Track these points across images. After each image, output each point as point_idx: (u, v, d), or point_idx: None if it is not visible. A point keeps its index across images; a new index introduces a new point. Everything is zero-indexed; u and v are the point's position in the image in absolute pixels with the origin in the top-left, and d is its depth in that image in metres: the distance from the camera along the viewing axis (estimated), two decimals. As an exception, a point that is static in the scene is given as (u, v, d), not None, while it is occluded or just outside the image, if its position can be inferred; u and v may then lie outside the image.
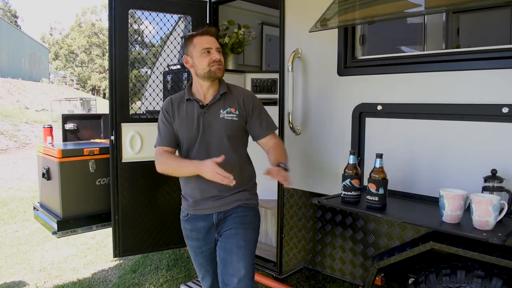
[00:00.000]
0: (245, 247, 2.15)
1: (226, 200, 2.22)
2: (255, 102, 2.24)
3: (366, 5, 2.19)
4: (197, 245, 2.31)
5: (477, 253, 1.72)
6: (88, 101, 20.97)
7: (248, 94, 2.28)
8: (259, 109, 2.25)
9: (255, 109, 2.23)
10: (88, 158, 3.31)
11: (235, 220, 2.21)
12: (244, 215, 2.22)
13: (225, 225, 2.23)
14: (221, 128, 2.18)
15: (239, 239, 2.16)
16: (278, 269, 2.86)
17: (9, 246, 4.74)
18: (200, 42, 2.16)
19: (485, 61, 1.91)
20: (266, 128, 2.24)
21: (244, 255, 2.14)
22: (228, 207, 2.22)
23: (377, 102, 2.27)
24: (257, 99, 2.27)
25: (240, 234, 2.17)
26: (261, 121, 2.24)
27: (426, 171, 2.10)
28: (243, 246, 2.15)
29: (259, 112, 2.24)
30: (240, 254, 2.14)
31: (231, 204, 2.22)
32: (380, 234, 2.30)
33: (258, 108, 2.24)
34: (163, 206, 3.24)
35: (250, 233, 2.21)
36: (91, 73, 46.49)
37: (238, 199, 2.22)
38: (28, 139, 16.00)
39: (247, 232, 2.19)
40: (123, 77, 3.01)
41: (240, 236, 2.17)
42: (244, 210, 2.23)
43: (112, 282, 3.77)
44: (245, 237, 2.18)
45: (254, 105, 2.23)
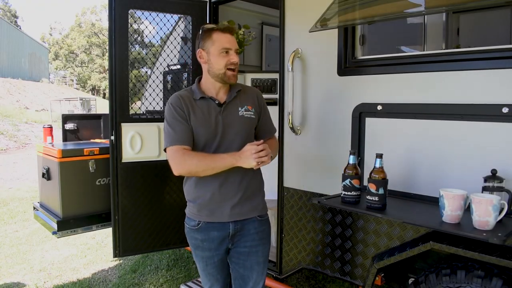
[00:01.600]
0: (264, 262, 2.17)
1: (244, 207, 2.08)
2: (264, 102, 2.24)
3: (366, 5, 2.19)
4: (208, 255, 2.13)
5: (477, 253, 1.72)
6: (88, 101, 20.97)
7: (259, 93, 2.26)
8: (266, 109, 2.24)
9: (265, 108, 2.23)
10: (88, 158, 3.31)
11: (253, 237, 2.11)
12: (261, 231, 2.14)
13: (242, 239, 2.11)
14: (241, 126, 2.08)
15: (258, 256, 2.14)
16: (278, 269, 2.86)
17: (9, 246, 4.74)
18: (220, 40, 2.00)
19: (485, 61, 1.91)
20: (270, 130, 2.24)
21: (263, 269, 2.17)
22: (246, 216, 2.09)
23: (377, 102, 2.27)
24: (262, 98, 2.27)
25: (259, 251, 2.14)
26: (267, 121, 2.24)
27: (426, 171, 2.10)
28: (263, 262, 2.16)
29: (266, 112, 2.24)
30: (260, 270, 2.15)
31: (249, 213, 2.10)
32: (380, 234, 2.30)
33: (266, 108, 2.24)
34: (163, 206, 3.24)
35: (267, 248, 2.20)
36: (91, 73, 46.49)
37: (255, 207, 2.12)
38: (28, 139, 16.00)
39: (265, 248, 2.17)
40: (123, 77, 3.01)
41: (260, 253, 2.14)
42: (260, 225, 2.14)
43: (112, 282, 3.77)
44: (263, 253, 2.17)
45: (264, 105, 2.23)
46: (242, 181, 2.08)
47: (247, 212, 2.10)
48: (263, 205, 2.19)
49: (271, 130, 2.25)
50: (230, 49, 2.01)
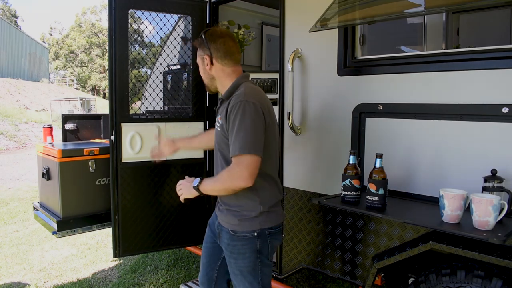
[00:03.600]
0: (240, 275, 2.07)
1: (220, 213, 2.12)
2: (232, 112, 1.88)
3: (366, 5, 2.19)
4: (207, 233, 2.32)
5: (477, 253, 1.72)
6: (88, 101, 20.95)
7: (235, 101, 1.90)
8: (233, 122, 1.88)
9: (230, 121, 1.90)
10: (88, 158, 3.31)
11: (225, 247, 2.09)
12: (232, 245, 2.04)
13: (221, 241, 2.14)
14: (215, 138, 2.10)
15: (232, 267, 2.09)
16: (278, 269, 2.86)
17: (9, 246, 4.74)
18: None
19: (485, 61, 1.91)
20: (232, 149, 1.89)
21: (242, 281, 2.08)
22: (221, 222, 2.11)
23: (377, 102, 2.27)
24: (239, 109, 1.86)
25: (231, 263, 2.08)
26: (231, 138, 1.89)
27: (426, 171, 2.11)
28: (239, 274, 2.07)
29: (232, 126, 1.88)
30: (238, 280, 2.10)
31: (223, 222, 2.10)
32: (380, 234, 2.30)
33: (232, 120, 1.88)
34: (163, 206, 3.24)
35: (240, 262, 2.04)
36: (91, 73, 46.51)
37: (226, 220, 2.06)
38: (28, 139, 16.00)
39: (237, 262, 2.05)
40: (123, 77, 3.01)
41: (233, 265, 2.08)
42: (231, 239, 2.03)
43: (112, 282, 3.77)
44: (237, 266, 2.06)
45: (230, 116, 1.89)
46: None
47: (222, 220, 2.10)
48: (235, 223, 2.02)
49: (232, 149, 1.88)
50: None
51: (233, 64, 2.07)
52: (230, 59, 2.05)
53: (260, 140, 1.88)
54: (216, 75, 2.07)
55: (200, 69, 2.12)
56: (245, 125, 1.84)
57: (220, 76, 2.07)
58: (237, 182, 1.86)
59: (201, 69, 2.11)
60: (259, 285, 2.07)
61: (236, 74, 2.07)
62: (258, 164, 1.87)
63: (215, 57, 2.03)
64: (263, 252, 2.03)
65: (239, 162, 1.85)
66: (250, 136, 1.84)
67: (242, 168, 1.84)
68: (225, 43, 2.04)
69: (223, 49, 2.03)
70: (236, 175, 1.86)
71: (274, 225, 2.05)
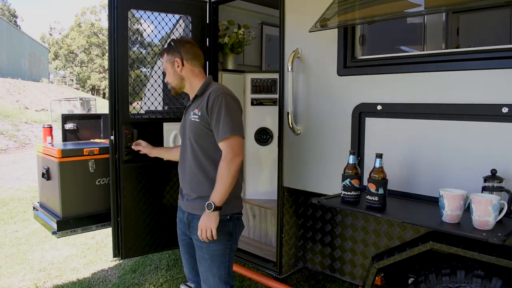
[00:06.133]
0: (210, 259, 2.23)
1: (192, 203, 2.29)
2: (215, 102, 2.15)
3: (366, 5, 2.19)
4: (178, 233, 2.50)
5: (476, 253, 1.72)
6: (88, 101, 20.96)
7: (214, 93, 2.19)
8: (218, 110, 2.15)
9: (214, 109, 2.15)
10: (88, 158, 3.31)
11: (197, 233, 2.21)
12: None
13: (192, 231, 2.31)
14: (188, 129, 2.29)
15: (203, 252, 2.25)
16: (278, 269, 2.86)
17: (9, 246, 4.74)
18: None
19: (485, 61, 1.91)
20: (218, 133, 2.16)
21: (209, 266, 2.23)
22: (193, 212, 2.29)
23: (377, 102, 2.28)
24: (220, 99, 2.16)
25: (203, 247, 2.23)
26: (216, 124, 2.16)
27: (426, 171, 2.11)
28: (208, 259, 2.23)
29: (218, 113, 2.15)
30: (206, 266, 2.25)
31: (195, 210, 2.27)
32: (380, 234, 2.30)
33: (217, 108, 2.15)
34: (163, 206, 3.24)
35: (213, 246, 2.21)
36: (90, 73, 46.50)
37: (200, 207, 2.20)
38: (28, 139, 16.00)
39: (209, 246, 2.21)
40: (123, 77, 3.01)
41: (204, 250, 2.24)
42: None
43: (112, 282, 3.77)
44: (208, 250, 2.23)
45: (213, 105, 2.15)
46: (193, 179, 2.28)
47: (194, 208, 2.28)
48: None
49: (218, 134, 2.16)
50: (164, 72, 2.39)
51: (200, 66, 2.38)
52: (198, 61, 2.36)
53: (241, 124, 2.22)
54: (186, 76, 2.33)
55: (168, 73, 2.36)
56: (230, 112, 2.15)
57: (189, 76, 2.34)
58: (236, 161, 2.13)
59: (170, 72, 2.35)
60: (226, 270, 2.26)
61: (203, 75, 2.38)
62: (242, 143, 2.20)
63: (185, 58, 2.31)
64: (233, 236, 2.28)
65: (230, 143, 2.14)
66: (235, 121, 2.16)
67: (234, 147, 2.14)
68: (192, 47, 2.36)
69: (192, 52, 2.34)
70: (232, 156, 2.12)
71: (239, 210, 2.33)
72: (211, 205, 2.10)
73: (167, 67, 2.35)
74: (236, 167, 2.12)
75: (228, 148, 2.13)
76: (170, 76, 2.35)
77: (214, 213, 2.11)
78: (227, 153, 2.13)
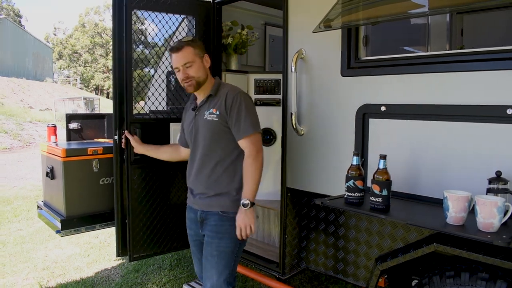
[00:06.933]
0: (218, 256, 2.25)
1: (208, 200, 2.31)
2: (235, 101, 2.22)
3: (369, 6, 2.18)
4: (189, 234, 2.50)
5: (481, 255, 1.71)
6: (92, 100, 21.06)
7: (232, 93, 2.26)
8: (238, 109, 2.22)
9: (234, 108, 2.22)
10: (92, 157, 3.32)
11: (211, 229, 2.30)
12: (220, 224, 2.27)
13: (205, 228, 2.34)
14: (205, 130, 2.29)
15: (212, 248, 2.27)
16: (281, 270, 2.86)
17: (13, 245, 4.76)
18: (172, 60, 2.32)
19: (490, 62, 1.90)
20: (238, 131, 2.23)
21: (216, 263, 2.25)
22: (209, 209, 2.32)
23: (381, 103, 2.27)
24: (239, 98, 2.24)
25: (214, 243, 2.27)
26: (236, 123, 2.23)
27: (430, 172, 2.10)
28: (216, 255, 2.25)
29: (238, 112, 2.22)
30: (213, 263, 2.26)
31: (211, 207, 2.31)
32: (383, 236, 2.30)
33: (237, 107, 2.22)
34: (173, 207, 3.22)
35: (224, 242, 2.26)
36: (94, 73, 46.64)
37: (218, 203, 2.29)
38: (32, 138, 16.09)
39: (220, 242, 2.26)
40: (127, 77, 3.01)
41: (214, 246, 2.26)
42: (220, 219, 2.28)
43: (115, 281, 3.78)
44: (218, 246, 2.26)
45: (233, 104, 2.22)
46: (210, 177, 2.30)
47: (211, 205, 2.31)
48: (227, 204, 2.28)
49: (239, 131, 2.23)
50: (177, 68, 2.29)
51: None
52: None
53: (259, 122, 2.30)
54: (208, 73, 2.38)
55: (197, 67, 2.29)
56: (249, 110, 2.23)
57: (209, 74, 2.38)
58: (260, 156, 2.23)
59: (200, 67, 2.30)
60: (230, 269, 2.28)
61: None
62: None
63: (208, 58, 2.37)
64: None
65: (253, 140, 2.22)
66: (255, 118, 2.26)
67: (257, 144, 2.22)
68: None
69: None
70: (256, 153, 2.21)
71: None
72: (247, 203, 2.17)
73: (195, 60, 2.28)
74: (261, 162, 2.21)
75: (251, 145, 2.21)
76: (199, 70, 2.29)
77: (251, 209, 2.18)
78: (251, 150, 2.21)
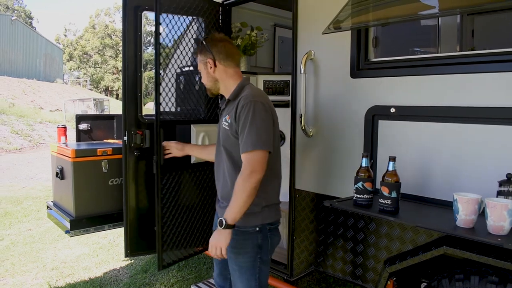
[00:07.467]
0: (239, 271, 2.11)
1: (223, 210, 2.10)
2: (243, 111, 1.99)
3: (379, 7, 2.17)
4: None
5: (491, 258, 1.69)
6: (102, 101, 21.20)
7: (244, 100, 2.02)
8: (245, 120, 1.98)
9: (241, 118, 1.99)
10: (101, 158, 3.34)
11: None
12: (234, 239, 2.04)
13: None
14: (221, 137, 2.17)
15: (232, 263, 2.14)
16: (289, 272, 2.85)
17: (23, 244, 4.80)
18: None
19: (501, 63, 1.88)
20: (242, 145, 1.99)
21: (239, 277, 2.12)
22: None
23: (391, 105, 2.26)
24: (248, 108, 1.97)
25: (231, 258, 2.12)
26: (242, 135, 1.99)
27: (440, 174, 2.08)
28: (237, 270, 2.12)
29: (243, 123, 1.98)
30: (236, 277, 2.14)
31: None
32: (392, 238, 2.28)
33: (243, 118, 1.98)
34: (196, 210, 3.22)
35: (240, 258, 2.09)
36: (104, 74, 46.99)
37: None
38: (42, 139, 16.24)
39: (237, 257, 2.10)
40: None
41: (233, 261, 2.13)
42: (235, 234, 2.03)
43: (124, 281, 3.80)
44: (236, 261, 2.11)
45: (241, 114, 1.99)
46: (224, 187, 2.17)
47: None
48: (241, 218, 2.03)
49: (242, 146, 1.98)
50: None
51: (234, 66, 2.18)
52: (232, 61, 2.16)
53: (269, 137, 1.99)
54: (220, 77, 2.16)
55: (202, 74, 2.21)
56: (256, 123, 1.96)
57: (223, 77, 2.16)
58: (254, 178, 1.92)
59: (204, 74, 2.20)
60: (256, 282, 2.11)
61: (238, 75, 2.18)
62: (266, 157, 1.97)
63: (217, 59, 2.14)
64: (263, 248, 2.10)
65: (250, 158, 1.95)
66: (261, 133, 1.96)
67: (254, 163, 1.94)
68: (225, 45, 2.16)
69: (224, 51, 2.14)
70: (248, 173, 1.93)
71: (274, 220, 2.14)
72: (222, 222, 1.94)
73: (200, 68, 2.20)
74: (252, 185, 1.92)
75: (247, 163, 1.95)
76: (204, 78, 2.20)
77: (225, 230, 1.94)
78: (245, 169, 1.95)
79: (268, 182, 2.06)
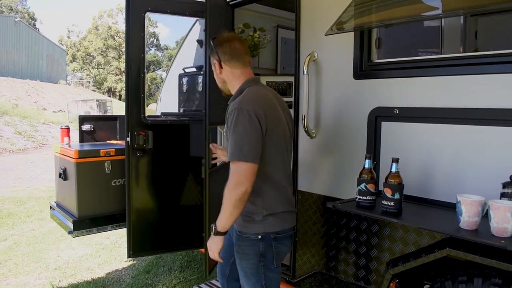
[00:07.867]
0: (245, 276, 2.10)
1: None
2: (229, 118, 1.93)
3: (382, 8, 2.17)
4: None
5: (494, 260, 1.69)
6: (104, 102, 21.26)
7: (230, 109, 1.95)
8: (229, 127, 1.92)
9: (227, 124, 1.94)
10: (104, 159, 3.35)
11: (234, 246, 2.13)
12: (238, 245, 2.07)
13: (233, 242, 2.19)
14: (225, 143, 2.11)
15: (238, 266, 2.12)
16: (291, 273, 2.85)
17: (26, 245, 4.81)
18: None
19: (504, 64, 1.87)
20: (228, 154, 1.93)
21: (246, 282, 2.11)
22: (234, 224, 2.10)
23: (394, 106, 2.25)
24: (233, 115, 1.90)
25: (238, 262, 2.11)
26: (229, 142, 1.92)
27: (443, 176, 2.08)
28: (243, 275, 2.11)
29: (231, 132, 1.91)
30: (243, 281, 2.13)
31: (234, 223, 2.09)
32: (395, 240, 2.28)
33: (228, 124, 1.93)
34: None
35: (244, 263, 2.07)
36: (107, 75, 47.09)
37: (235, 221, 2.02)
38: (45, 140, 16.29)
39: (241, 262, 2.08)
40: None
41: (239, 265, 2.12)
42: (238, 239, 2.07)
43: (126, 282, 3.80)
44: (241, 266, 2.10)
45: (228, 120, 1.94)
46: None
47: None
48: (241, 224, 2.04)
49: (228, 155, 1.92)
50: None
51: (241, 66, 2.10)
52: (238, 61, 2.09)
53: (253, 147, 1.87)
54: (227, 78, 2.13)
55: (214, 74, 2.18)
56: (237, 132, 1.88)
57: (230, 79, 2.12)
58: (239, 190, 1.85)
59: (214, 74, 2.17)
60: (261, 286, 2.06)
61: (245, 76, 2.11)
62: (253, 169, 1.87)
63: (223, 60, 2.09)
64: (266, 256, 2.03)
65: (233, 170, 1.88)
66: (241, 143, 1.86)
67: (237, 174, 1.86)
68: (231, 45, 2.09)
69: (229, 52, 2.07)
70: (233, 185, 1.86)
71: (280, 229, 2.03)
72: (213, 229, 1.96)
73: (212, 69, 2.18)
74: (237, 196, 1.84)
75: (231, 174, 1.88)
76: (216, 78, 2.18)
77: (216, 237, 1.96)
78: (230, 179, 1.88)
79: (266, 192, 2.01)
